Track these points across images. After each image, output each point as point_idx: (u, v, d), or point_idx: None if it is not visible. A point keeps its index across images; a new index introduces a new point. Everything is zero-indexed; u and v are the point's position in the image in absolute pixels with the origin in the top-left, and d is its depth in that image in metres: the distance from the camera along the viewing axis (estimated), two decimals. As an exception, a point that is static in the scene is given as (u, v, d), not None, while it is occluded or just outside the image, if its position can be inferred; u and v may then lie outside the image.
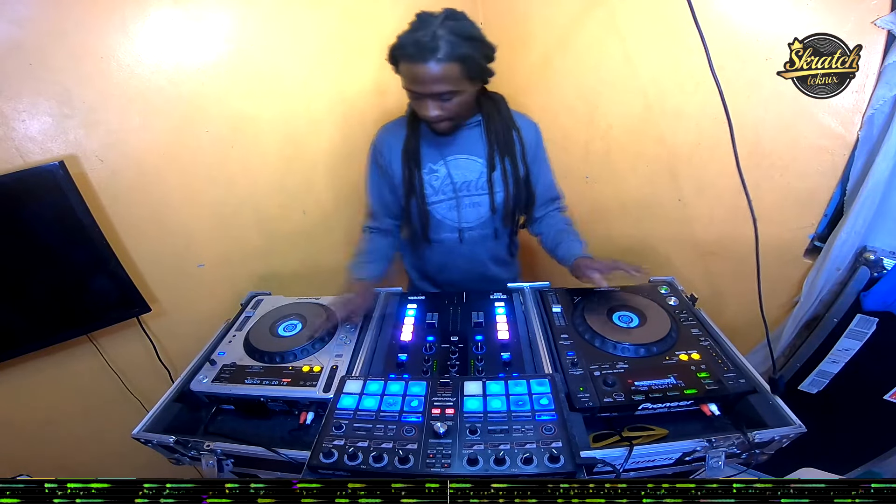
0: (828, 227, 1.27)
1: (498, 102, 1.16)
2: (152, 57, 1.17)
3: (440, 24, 0.92)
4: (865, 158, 1.12)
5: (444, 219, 1.20)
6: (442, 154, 1.15)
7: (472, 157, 1.16)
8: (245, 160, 1.41)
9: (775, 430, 0.79)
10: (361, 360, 0.98)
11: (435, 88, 0.96)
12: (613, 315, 1.02)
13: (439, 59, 0.92)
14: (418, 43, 0.92)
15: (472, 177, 1.16)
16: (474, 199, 1.19)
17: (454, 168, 1.16)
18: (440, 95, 0.98)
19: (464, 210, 1.19)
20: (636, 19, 1.35)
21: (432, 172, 1.16)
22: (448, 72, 0.94)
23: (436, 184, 1.16)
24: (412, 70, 0.94)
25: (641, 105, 1.45)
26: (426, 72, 0.93)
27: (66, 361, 1.32)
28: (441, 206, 1.19)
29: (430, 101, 0.99)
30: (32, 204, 1.08)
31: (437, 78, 0.94)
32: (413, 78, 0.96)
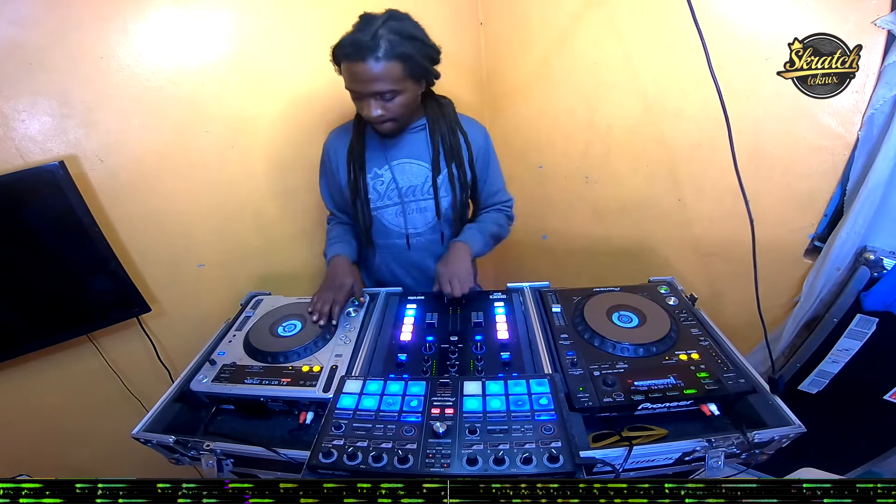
0: (828, 227, 1.27)
1: (444, 106, 1.16)
2: (152, 57, 1.17)
3: (382, 23, 0.93)
4: (865, 158, 1.12)
5: (391, 224, 1.21)
6: (387, 158, 1.15)
7: (417, 162, 1.16)
8: (245, 160, 1.41)
9: (775, 430, 0.79)
10: (361, 360, 0.98)
11: (375, 87, 0.96)
12: (613, 315, 1.02)
13: (378, 57, 0.92)
14: (358, 42, 0.92)
15: (417, 181, 1.16)
16: (420, 204, 1.19)
17: (399, 173, 1.16)
18: (381, 95, 0.98)
19: (410, 216, 1.20)
20: (636, 19, 1.35)
21: (377, 177, 1.17)
22: (388, 70, 0.94)
23: (381, 188, 1.17)
24: (352, 69, 0.95)
25: (641, 106, 1.45)
26: (366, 70, 0.93)
27: (66, 361, 1.32)
28: (387, 212, 1.20)
29: (372, 100, 0.99)
30: (32, 204, 1.08)
31: (376, 76, 0.94)
32: (353, 77, 0.96)
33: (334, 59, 1.00)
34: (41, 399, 1.33)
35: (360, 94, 0.98)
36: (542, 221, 1.93)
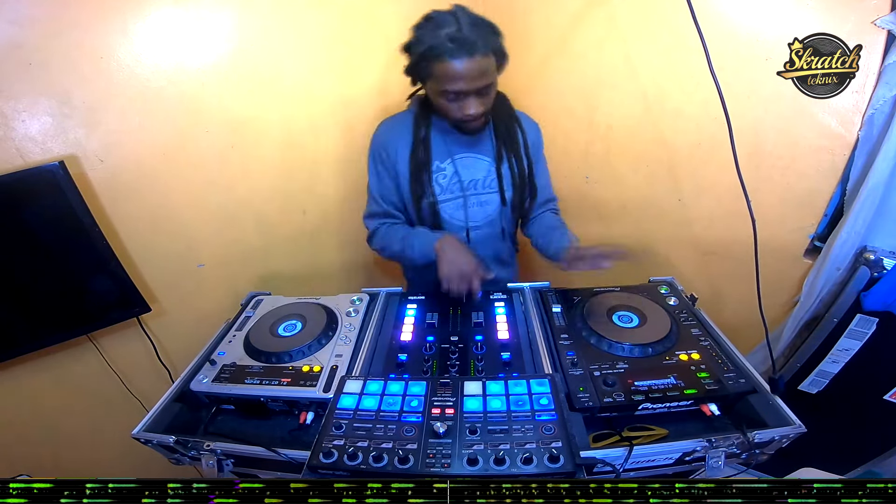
0: (828, 227, 1.27)
1: (503, 99, 1.15)
2: (152, 57, 1.17)
3: (464, 19, 0.91)
4: (865, 158, 1.12)
5: (452, 218, 1.19)
6: (450, 152, 1.14)
7: (478, 156, 1.15)
8: (245, 160, 1.41)
9: (775, 430, 0.79)
10: (361, 360, 0.98)
11: (479, 83, 0.94)
12: (613, 315, 1.02)
13: (482, 51, 0.91)
14: (457, 39, 0.89)
15: (479, 175, 1.16)
16: (482, 197, 1.18)
17: (461, 166, 1.15)
18: (482, 90, 0.96)
19: (471, 209, 1.18)
20: (636, 19, 1.35)
21: (439, 170, 1.15)
22: (487, 65, 0.94)
23: (443, 182, 1.15)
24: (454, 68, 0.91)
25: (641, 105, 1.45)
26: (471, 67, 0.91)
27: (66, 361, 1.32)
28: (448, 206, 1.18)
29: (475, 97, 0.97)
30: (32, 204, 1.08)
31: (481, 73, 0.93)
32: (457, 75, 0.92)
33: (419, 64, 0.96)
34: (41, 399, 1.33)
35: (463, 92, 0.95)
36: (542, 221, 1.92)
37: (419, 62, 0.96)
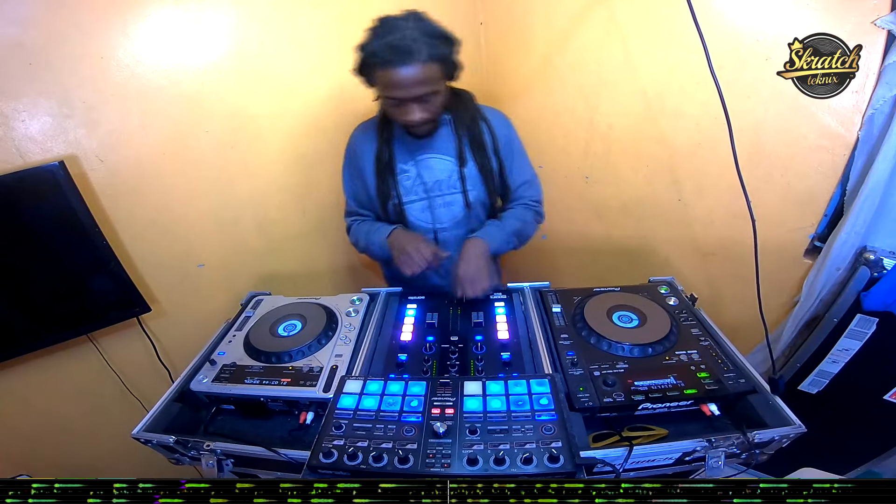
0: (828, 227, 1.27)
1: (464, 98, 1.15)
2: (152, 57, 1.17)
3: (412, 26, 0.91)
4: (865, 158, 1.12)
5: (418, 220, 1.19)
6: (412, 155, 1.15)
7: (441, 156, 1.15)
8: (245, 160, 1.41)
9: (775, 430, 0.79)
10: (361, 360, 0.98)
11: (417, 91, 0.95)
12: (613, 315, 1.02)
13: (422, 60, 0.91)
14: (396, 47, 0.90)
15: (442, 176, 1.16)
16: (446, 198, 1.18)
17: (424, 168, 1.15)
18: (422, 98, 0.97)
19: (437, 210, 1.18)
20: (636, 19, 1.35)
21: (403, 172, 1.16)
22: (429, 73, 0.93)
23: (407, 184, 1.16)
24: (393, 75, 0.92)
25: (641, 105, 1.45)
26: (409, 75, 0.92)
27: (66, 361, 1.32)
28: (414, 207, 1.18)
29: (415, 104, 0.98)
30: (32, 204, 1.08)
31: (419, 80, 0.93)
32: (396, 83, 0.93)
33: (362, 68, 0.98)
34: (41, 399, 1.33)
35: (403, 99, 0.96)
36: (542, 221, 1.93)
37: (364, 69, 0.98)
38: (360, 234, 1.23)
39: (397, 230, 1.15)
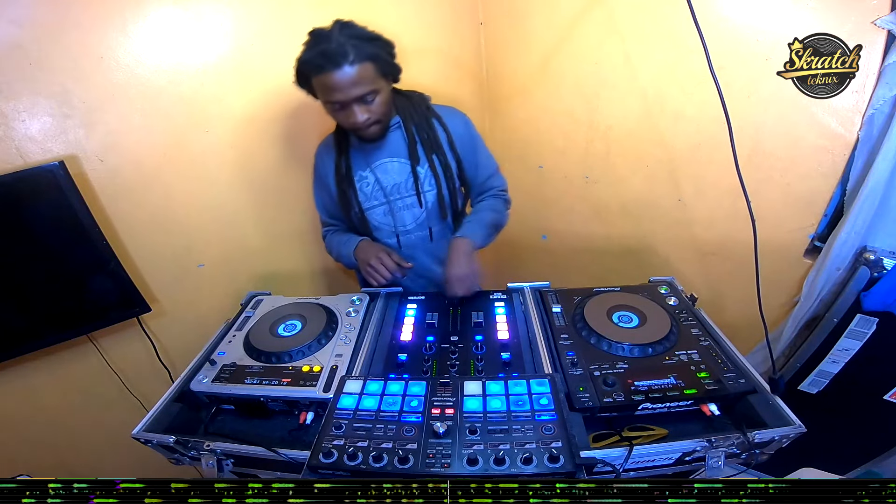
0: (828, 227, 1.27)
1: (413, 99, 1.17)
2: (152, 57, 1.17)
3: (338, 32, 0.94)
4: (865, 158, 1.12)
5: (381, 224, 1.22)
6: (368, 161, 1.17)
7: (397, 160, 1.16)
8: (245, 160, 1.41)
9: (775, 430, 0.79)
10: (361, 360, 0.98)
11: (355, 92, 0.96)
12: (613, 315, 1.02)
13: (351, 61, 0.93)
14: (326, 52, 0.93)
15: (400, 179, 1.17)
16: (406, 200, 1.19)
17: (381, 173, 1.17)
18: (363, 98, 0.99)
19: (398, 213, 1.20)
20: (636, 19, 1.35)
21: (362, 179, 1.18)
22: (363, 72, 0.95)
23: (367, 190, 1.18)
24: (328, 80, 0.95)
25: (641, 106, 1.45)
26: (343, 77, 0.94)
27: (66, 361, 1.32)
28: (375, 212, 1.21)
29: (355, 106, 0.99)
30: (32, 204, 1.08)
31: (355, 81, 0.95)
32: (332, 87, 0.96)
33: (301, 79, 1.01)
34: (41, 399, 1.33)
35: (342, 102, 0.98)
36: (542, 221, 1.93)
37: (301, 78, 1.01)
38: (333, 245, 1.28)
39: (362, 242, 1.20)
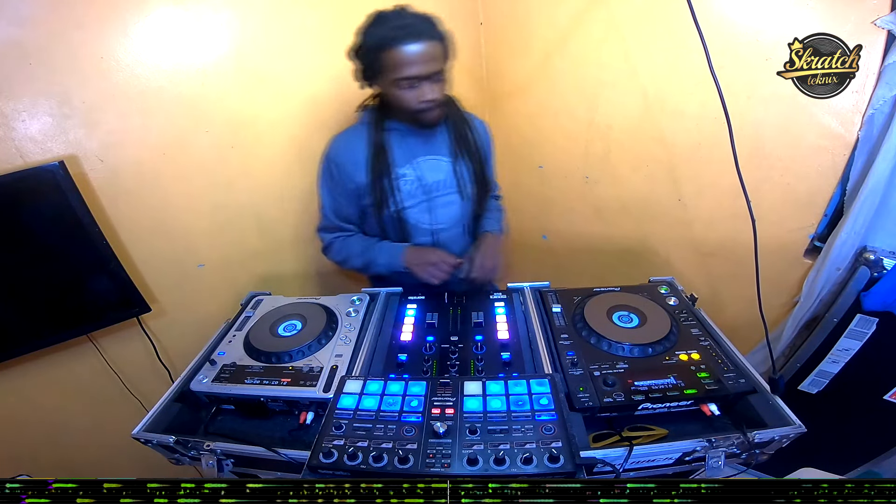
0: (828, 227, 1.27)
1: (453, 101, 1.18)
2: (152, 57, 1.17)
3: (408, 11, 0.96)
4: (865, 158, 1.12)
5: (417, 223, 1.19)
6: (411, 156, 1.14)
7: (439, 157, 1.17)
8: (245, 160, 1.41)
9: (775, 430, 0.79)
10: (361, 360, 0.98)
11: (431, 67, 0.97)
12: (613, 315, 1.02)
13: (429, 37, 0.94)
14: (404, 27, 0.93)
15: (441, 176, 1.17)
16: (446, 198, 1.19)
17: (423, 170, 1.15)
18: (436, 76, 0.99)
19: (437, 211, 1.19)
20: (636, 19, 1.35)
21: (401, 177, 1.14)
22: (438, 50, 0.97)
23: (406, 188, 1.15)
24: (407, 52, 0.94)
25: (641, 105, 1.45)
26: (422, 51, 0.94)
27: (66, 361, 1.31)
28: (413, 211, 1.17)
29: (428, 83, 0.99)
30: (32, 204, 1.08)
31: (431, 56, 0.96)
32: (408, 61, 0.95)
33: (370, 55, 0.98)
34: (41, 399, 1.33)
35: (418, 77, 0.97)
36: (542, 221, 1.93)
37: (371, 58, 0.99)
38: (352, 254, 1.21)
39: (410, 248, 1.16)
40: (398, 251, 1.16)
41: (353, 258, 1.21)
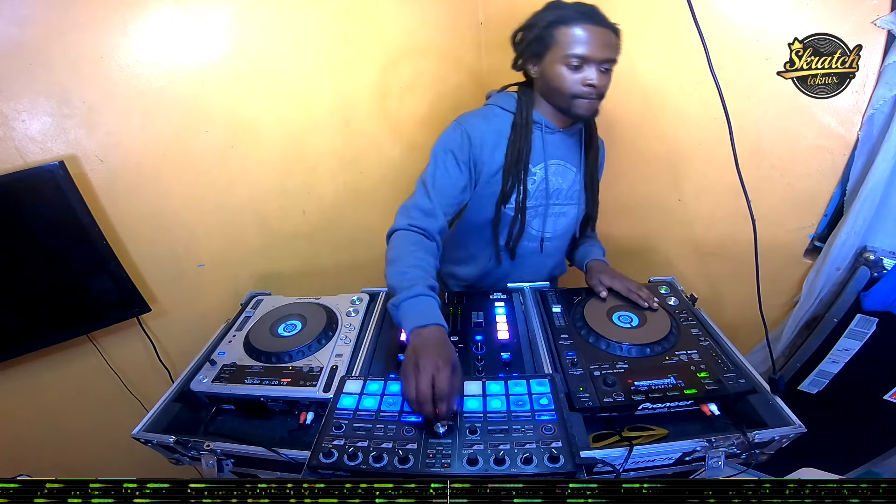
0: (828, 227, 1.27)
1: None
2: (152, 57, 1.17)
3: (586, 3, 0.97)
4: (865, 158, 1.12)
5: (529, 226, 1.14)
6: (545, 156, 1.08)
7: (567, 165, 1.13)
8: (245, 160, 1.41)
9: (775, 430, 0.79)
10: (361, 360, 0.98)
11: (606, 53, 0.96)
12: (613, 315, 1.02)
13: (608, 25, 0.96)
14: (584, 10, 0.94)
15: (564, 185, 1.13)
16: (562, 208, 1.15)
17: (552, 173, 1.11)
18: (606, 63, 0.98)
19: (549, 218, 1.15)
20: (636, 19, 1.35)
21: (530, 175, 1.08)
22: (614, 39, 0.97)
23: (531, 188, 1.09)
24: (585, 32, 0.93)
25: (642, 105, 1.45)
26: (601, 33, 0.94)
27: (66, 361, 1.32)
28: (528, 213, 1.11)
29: (595, 68, 0.97)
30: (32, 204, 1.08)
31: (608, 41, 0.96)
32: (586, 40, 0.94)
33: (548, 29, 0.96)
34: (41, 399, 1.33)
35: (589, 58, 0.95)
36: (542, 221, 1.92)
37: (544, 33, 0.97)
38: (402, 250, 0.94)
39: (431, 329, 0.82)
40: (417, 319, 0.83)
41: (393, 272, 0.91)
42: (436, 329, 0.82)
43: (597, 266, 1.17)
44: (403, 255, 0.93)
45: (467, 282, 1.28)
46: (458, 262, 1.28)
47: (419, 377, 0.73)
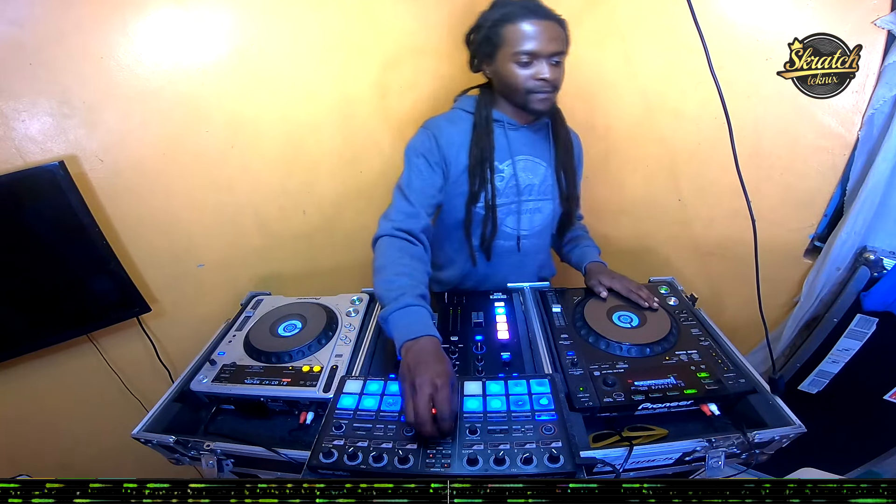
0: (828, 227, 1.27)
1: (558, 108, 1.15)
2: (152, 57, 1.17)
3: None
4: (865, 158, 1.12)
5: (503, 224, 1.14)
6: (511, 153, 1.09)
7: (537, 160, 1.12)
8: (245, 160, 1.41)
9: (775, 430, 0.79)
10: (361, 360, 0.98)
11: (554, 46, 0.97)
12: (613, 315, 1.02)
13: (554, 18, 0.97)
14: (528, 6, 0.95)
15: (535, 180, 1.13)
16: (536, 203, 1.15)
17: (521, 169, 1.11)
18: (556, 56, 0.99)
19: (524, 216, 1.15)
20: (636, 19, 1.35)
21: (498, 172, 1.09)
22: (560, 32, 0.99)
23: (500, 185, 1.09)
24: (532, 27, 0.95)
25: (641, 105, 1.45)
26: (546, 28, 0.96)
27: (66, 361, 1.32)
28: (500, 211, 1.11)
29: (545, 62, 0.98)
30: (32, 204, 1.08)
31: (555, 35, 0.97)
32: (532, 35, 0.95)
33: (494, 28, 0.98)
34: (41, 399, 1.33)
35: (538, 54, 0.97)
36: (542, 221, 1.92)
37: (491, 32, 0.99)
38: (383, 276, 0.90)
39: (424, 341, 0.79)
40: (408, 332, 0.80)
41: (381, 280, 0.90)
42: (428, 341, 0.79)
43: (596, 268, 1.17)
44: (389, 263, 0.92)
45: (449, 285, 1.28)
46: (437, 267, 1.29)
47: (417, 399, 0.70)
